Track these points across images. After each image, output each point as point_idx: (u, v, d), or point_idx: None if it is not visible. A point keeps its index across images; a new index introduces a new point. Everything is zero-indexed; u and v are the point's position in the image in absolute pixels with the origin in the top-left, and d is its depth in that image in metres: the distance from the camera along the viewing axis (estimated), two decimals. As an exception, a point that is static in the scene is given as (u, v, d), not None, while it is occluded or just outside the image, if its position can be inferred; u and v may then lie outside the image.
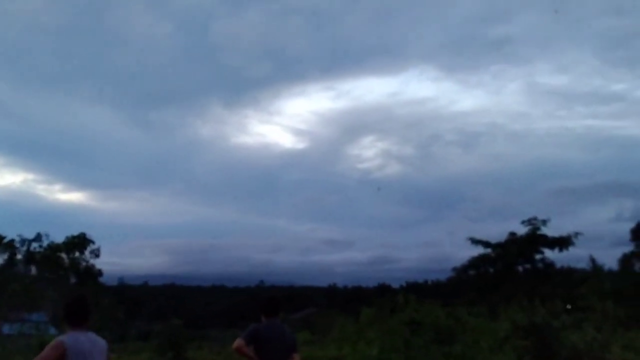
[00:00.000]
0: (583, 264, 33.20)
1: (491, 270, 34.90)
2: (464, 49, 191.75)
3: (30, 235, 42.13)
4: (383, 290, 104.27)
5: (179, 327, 38.35)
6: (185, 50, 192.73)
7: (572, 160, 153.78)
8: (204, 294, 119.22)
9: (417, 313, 11.81)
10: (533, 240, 32.92)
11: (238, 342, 6.18)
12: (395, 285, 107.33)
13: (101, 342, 5.05)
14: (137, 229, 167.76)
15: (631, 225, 42.19)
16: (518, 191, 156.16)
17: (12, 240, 42.02)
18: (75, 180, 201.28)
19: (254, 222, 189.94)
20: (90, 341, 4.87)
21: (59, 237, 42.91)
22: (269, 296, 7.01)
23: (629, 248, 41.61)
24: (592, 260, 33.17)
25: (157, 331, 42.91)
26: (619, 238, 46.46)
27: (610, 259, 34.76)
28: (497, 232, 38.68)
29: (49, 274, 41.90)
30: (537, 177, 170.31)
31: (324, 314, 56.94)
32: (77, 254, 42.29)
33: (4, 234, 42.17)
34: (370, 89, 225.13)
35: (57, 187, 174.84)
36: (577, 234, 32.23)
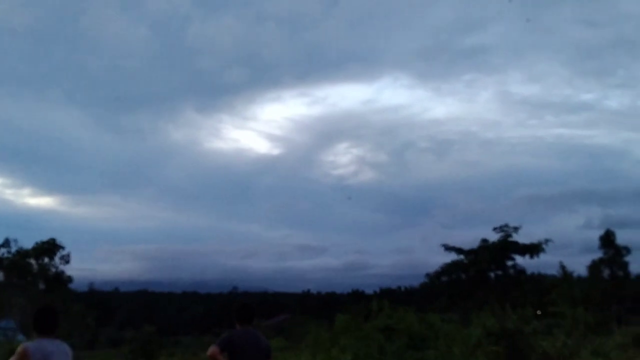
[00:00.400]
0: (552, 271, 33.78)
1: (463, 276, 35.15)
2: (438, 57, 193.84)
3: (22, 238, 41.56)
4: (357, 296, 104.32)
5: (151, 334, 38.00)
6: (159, 54, 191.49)
7: (542, 168, 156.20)
8: (177, 300, 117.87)
9: (390, 319, 11.82)
10: (505, 247, 33.27)
11: (212, 349, 6.12)
12: (369, 291, 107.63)
13: (65, 347, 5.12)
14: (107, 234, 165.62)
15: (600, 232, 42.93)
16: (490, 198, 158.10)
17: (-20, 246, 41.34)
18: (45, 185, 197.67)
19: (227, 227, 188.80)
20: (54, 346, 4.96)
21: (28, 243, 42.34)
22: (242, 303, 6.94)
23: (598, 255, 42.32)
24: (562, 267, 33.73)
25: (129, 338, 42.41)
26: (588, 245, 47.25)
27: (579, 266, 35.36)
28: (469, 238, 39.00)
29: (17, 280, 41.24)
30: (508, 185, 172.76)
31: (298, 321, 56.82)
32: (46, 259, 41.71)
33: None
34: (345, 96, 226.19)
35: (25, 191, 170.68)
36: (547, 240, 32.67)
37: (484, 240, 34.40)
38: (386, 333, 11.09)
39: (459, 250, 34.89)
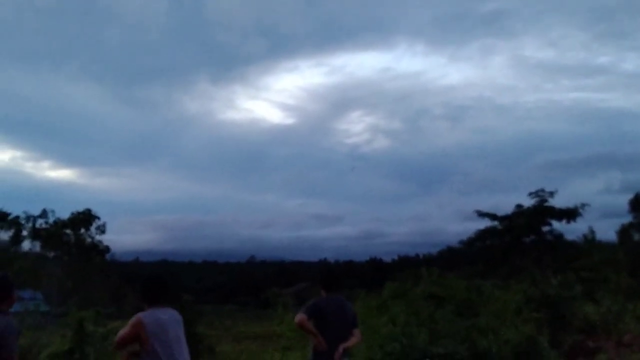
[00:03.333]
0: (573, 237, 33.11)
1: (498, 242, 34.70)
2: (453, 24, 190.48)
3: (36, 211, 42.04)
4: (375, 264, 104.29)
5: (189, 303, 38.41)
6: (177, 27, 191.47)
7: (559, 133, 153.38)
8: (196, 269, 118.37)
9: (439, 287, 11.63)
10: (541, 212, 32.63)
11: (300, 316, 5.96)
12: (386, 259, 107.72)
13: (177, 315, 4.87)
14: (126, 205, 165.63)
15: (620, 197, 42.05)
16: (506, 164, 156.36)
17: (17, 217, 41.96)
18: (64, 158, 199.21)
19: (243, 197, 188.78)
20: (167, 314, 4.72)
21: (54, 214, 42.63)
22: (328, 270, 6.77)
23: (622, 220, 41.48)
24: (592, 231, 33.04)
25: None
26: (609, 210, 46.48)
27: (601, 231, 34.42)
28: (487, 205, 38.60)
29: (54, 251, 41.87)
30: (525, 150, 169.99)
31: (318, 289, 57.00)
32: (82, 230, 42.24)
33: (7, 211, 42.08)
34: (359, 64, 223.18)
35: (45, 164, 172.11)
36: (584, 205, 31.93)
37: (519, 206, 33.79)
38: (435, 300, 10.89)
39: (492, 216, 34.41)
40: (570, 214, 31.92)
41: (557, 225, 33.01)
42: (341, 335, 5.97)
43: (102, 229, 42.46)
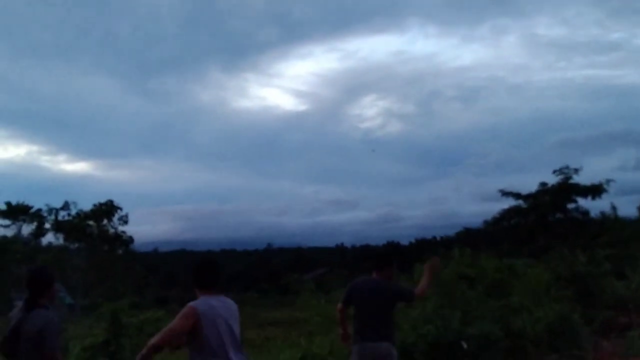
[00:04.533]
0: (594, 214, 32.74)
1: (523, 221, 34.38)
2: (465, 5, 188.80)
3: (55, 204, 42.27)
4: (392, 247, 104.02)
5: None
6: (189, 17, 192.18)
7: (573, 111, 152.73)
8: (215, 258, 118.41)
9: (472, 267, 11.46)
10: (566, 189, 32.25)
11: (338, 306, 6.14)
12: (404, 242, 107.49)
13: (231, 303, 4.56)
14: (143, 196, 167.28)
15: (637, 173, 41.61)
16: (521, 144, 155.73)
17: (40, 210, 42.23)
18: (79, 151, 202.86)
19: (258, 185, 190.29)
20: (221, 302, 4.42)
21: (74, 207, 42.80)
22: (378, 252, 6.71)
23: (638, 197, 40.99)
24: (614, 207, 32.62)
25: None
26: (626, 187, 46.03)
27: (619, 208, 34.02)
28: (501, 186, 38.31)
29: (78, 242, 42.10)
30: (539, 130, 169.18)
31: (338, 274, 57.12)
32: (104, 221, 42.41)
33: (29, 204, 42.33)
34: (372, 48, 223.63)
35: (61, 157, 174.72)
36: (609, 181, 31.49)
37: (543, 184, 33.48)
38: (466, 280, 10.73)
39: (517, 195, 34.08)
40: (595, 191, 31.53)
41: (581, 202, 32.72)
42: (376, 320, 5.78)
43: (124, 220, 42.71)
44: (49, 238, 43.06)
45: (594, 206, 32.54)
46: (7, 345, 4.16)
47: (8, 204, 41.91)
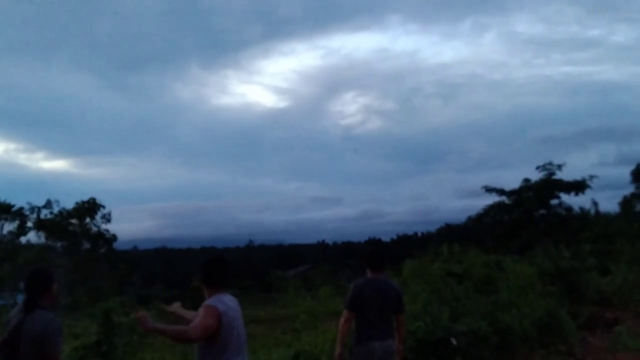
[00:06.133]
0: (576, 210, 33.08)
1: (507, 217, 34.52)
2: (447, 1, 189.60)
3: (35, 202, 41.69)
4: (374, 244, 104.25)
5: (196, 290, 38.36)
6: (173, 15, 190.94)
7: (552, 108, 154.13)
8: (195, 256, 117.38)
9: (460, 264, 11.49)
10: (549, 185, 32.44)
11: (344, 315, 5.73)
12: (385, 238, 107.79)
13: (237, 302, 4.46)
14: (123, 194, 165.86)
15: (615, 169, 42.28)
16: (501, 141, 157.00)
17: (22, 208, 41.69)
18: (58, 148, 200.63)
19: (239, 182, 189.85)
20: (233, 302, 4.35)
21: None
22: (372, 249, 6.59)
23: (618, 192, 41.48)
24: (595, 203, 33.04)
25: (177, 295, 42.75)
26: (605, 182, 46.63)
27: (599, 203, 34.47)
28: (482, 182, 38.55)
29: (60, 242, 41.67)
30: (518, 126, 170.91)
31: (322, 270, 57.10)
32: (87, 219, 41.98)
33: (10, 203, 41.75)
34: (352, 46, 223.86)
35: (39, 155, 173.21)
36: (592, 177, 31.72)
37: (526, 180, 33.64)
38: (454, 277, 10.75)
39: (500, 191, 34.22)
40: (578, 187, 31.74)
41: (564, 198, 32.94)
42: (381, 319, 5.73)
43: (107, 218, 42.22)
44: (30, 237, 42.63)
45: (576, 202, 32.89)
46: (6, 347, 4.04)
47: (-12, 202, 41.48)
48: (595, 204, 33.55)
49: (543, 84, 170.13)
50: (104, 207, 42.02)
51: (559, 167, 32.23)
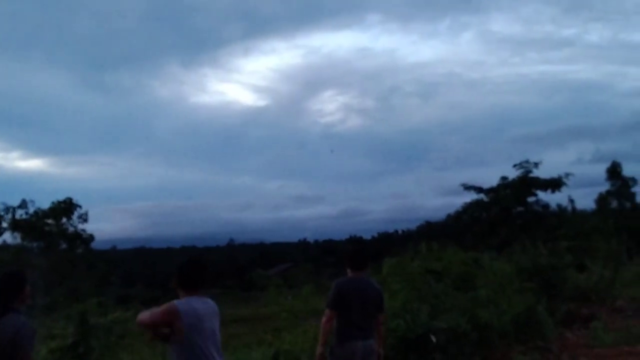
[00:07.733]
0: (553, 207, 33.53)
1: (485, 215, 34.83)
2: (426, 1, 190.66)
3: (10, 202, 41.15)
4: (355, 242, 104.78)
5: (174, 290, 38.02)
6: (154, 13, 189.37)
7: (529, 106, 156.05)
8: (175, 255, 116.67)
9: (439, 261, 11.55)
10: (526, 183, 32.76)
11: (325, 315, 5.72)
12: (366, 236, 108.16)
13: (214, 305, 4.47)
14: (101, 193, 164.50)
15: (592, 166, 43.12)
16: (479, 139, 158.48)
17: (-5, 208, 41.13)
18: (33, 147, 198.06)
19: (219, 181, 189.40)
20: (204, 304, 4.32)
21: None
22: (354, 248, 6.57)
23: (594, 189, 42.13)
24: (571, 200, 33.50)
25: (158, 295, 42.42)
26: (582, 180, 47.41)
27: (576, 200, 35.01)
28: (461, 180, 38.91)
29: (36, 242, 41.19)
30: (496, 125, 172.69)
31: (303, 268, 57.13)
32: (64, 219, 41.58)
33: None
34: (331, 44, 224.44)
35: (15, 154, 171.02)
36: (567, 174, 32.11)
37: (504, 178, 33.96)
38: (433, 274, 10.80)
39: (478, 189, 34.50)
40: (555, 184, 32.10)
41: (541, 195, 33.30)
42: (362, 318, 5.74)
43: (84, 218, 41.88)
44: (6, 237, 42.10)
45: (553, 199, 33.27)
46: None
47: (-37, 203, 40.87)
48: (571, 201, 34.09)
49: (520, 82, 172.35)
50: (80, 207, 41.69)
51: (536, 165, 32.64)
